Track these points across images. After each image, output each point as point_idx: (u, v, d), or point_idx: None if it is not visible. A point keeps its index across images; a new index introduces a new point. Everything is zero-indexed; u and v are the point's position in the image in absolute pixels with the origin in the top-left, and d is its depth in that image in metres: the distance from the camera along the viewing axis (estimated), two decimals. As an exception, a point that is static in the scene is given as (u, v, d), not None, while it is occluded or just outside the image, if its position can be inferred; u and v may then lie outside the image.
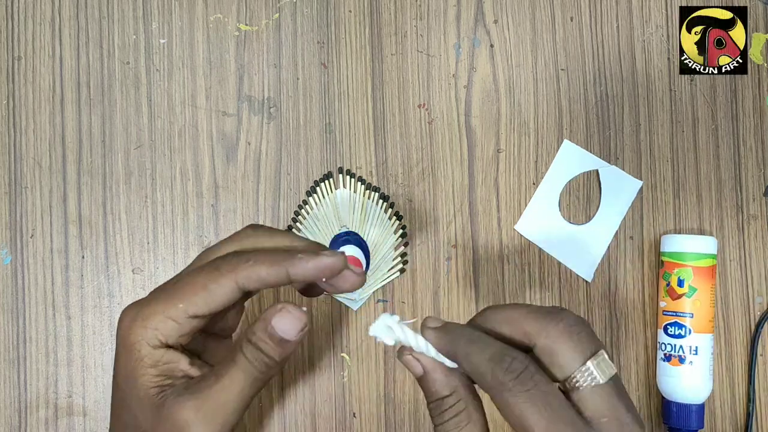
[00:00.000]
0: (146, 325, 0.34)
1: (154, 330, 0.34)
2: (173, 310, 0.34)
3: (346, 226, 0.54)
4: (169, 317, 0.34)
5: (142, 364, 0.34)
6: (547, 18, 0.56)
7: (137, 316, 0.35)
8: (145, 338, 0.34)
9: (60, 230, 0.54)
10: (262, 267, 0.35)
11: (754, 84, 0.56)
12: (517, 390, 0.31)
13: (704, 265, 0.52)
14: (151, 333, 0.34)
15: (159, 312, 0.34)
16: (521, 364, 0.32)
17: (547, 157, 0.56)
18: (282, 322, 0.34)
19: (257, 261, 0.35)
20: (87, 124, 0.54)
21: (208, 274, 0.35)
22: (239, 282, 0.34)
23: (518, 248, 0.55)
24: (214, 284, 0.34)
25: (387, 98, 0.55)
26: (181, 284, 0.35)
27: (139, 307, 0.35)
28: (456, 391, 0.34)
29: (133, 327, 0.35)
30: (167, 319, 0.34)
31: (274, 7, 0.56)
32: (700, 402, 0.51)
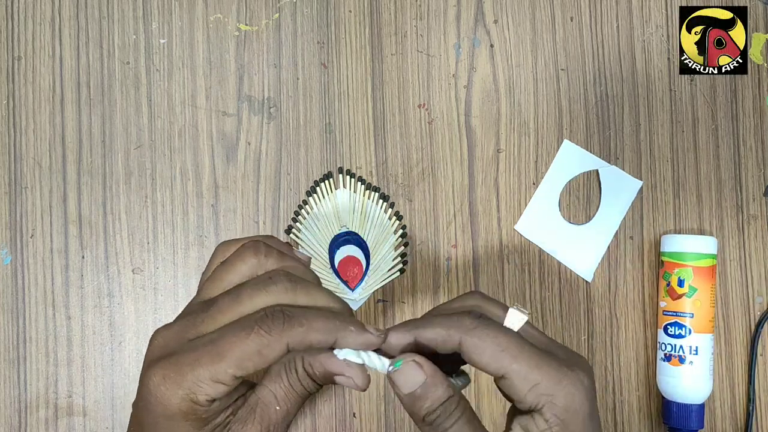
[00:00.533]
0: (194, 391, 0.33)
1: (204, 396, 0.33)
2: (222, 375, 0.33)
3: (346, 226, 0.54)
4: (218, 381, 0.33)
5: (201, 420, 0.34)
6: (547, 18, 0.56)
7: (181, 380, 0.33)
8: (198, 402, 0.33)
9: (60, 230, 0.54)
10: (315, 334, 0.34)
11: (754, 84, 0.56)
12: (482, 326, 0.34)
13: (704, 265, 0.52)
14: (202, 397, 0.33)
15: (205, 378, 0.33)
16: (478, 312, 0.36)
17: (547, 157, 0.56)
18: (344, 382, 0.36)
19: (311, 328, 0.34)
20: (87, 124, 0.54)
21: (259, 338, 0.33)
22: (290, 346, 0.34)
23: (518, 248, 0.55)
24: (267, 350, 0.34)
25: (387, 98, 0.55)
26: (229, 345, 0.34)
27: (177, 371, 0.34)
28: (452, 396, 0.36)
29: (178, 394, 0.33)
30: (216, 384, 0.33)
31: (274, 7, 0.56)
32: (700, 402, 0.51)
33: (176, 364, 0.34)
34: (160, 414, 0.34)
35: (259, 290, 0.36)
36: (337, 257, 0.54)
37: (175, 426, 0.34)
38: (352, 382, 0.36)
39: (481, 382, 0.54)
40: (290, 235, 0.54)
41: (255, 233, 0.54)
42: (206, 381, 0.33)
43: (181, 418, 0.34)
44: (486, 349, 0.34)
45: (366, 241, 0.54)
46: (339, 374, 0.36)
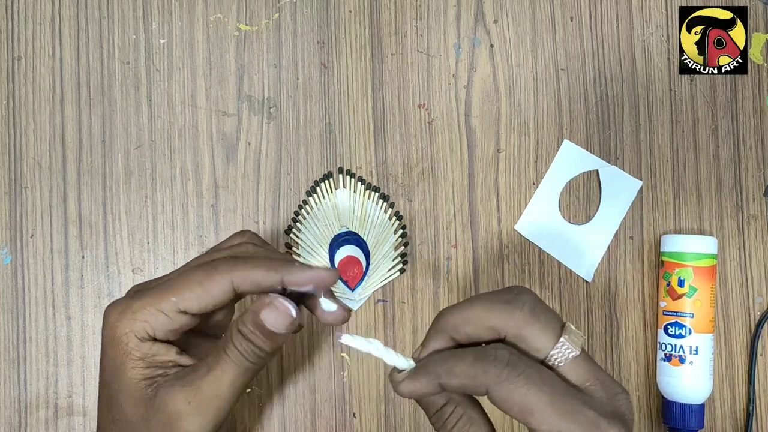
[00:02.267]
0: (135, 317, 0.34)
1: (143, 322, 0.34)
2: (165, 303, 0.34)
3: (346, 226, 0.54)
4: (160, 310, 0.34)
5: (130, 357, 0.34)
6: (547, 18, 0.56)
7: (126, 309, 0.35)
8: (134, 330, 0.34)
9: (60, 230, 0.54)
10: (259, 270, 0.35)
11: (754, 84, 0.56)
12: (512, 376, 0.31)
13: (704, 265, 0.52)
14: (140, 325, 0.34)
15: (149, 304, 0.34)
16: (506, 352, 0.32)
17: (547, 157, 0.56)
18: (270, 316, 0.34)
19: (255, 264, 0.35)
20: (87, 124, 0.54)
21: (205, 271, 0.35)
22: (234, 282, 0.35)
23: (518, 248, 0.55)
24: (210, 282, 0.34)
25: (387, 98, 0.55)
26: (175, 279, 0.35)
27: (128, 301, 0.35)
28: (451, 398, 0.34)
29: (121, 320, 0.34)
30: (158, 312, 0.34)
31: (274, 7, 0.56)
32: (700, 402, 0.51)
33: (128, 297, 0.35)
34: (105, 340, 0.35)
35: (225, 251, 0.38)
36: (337, 257, 0.54)
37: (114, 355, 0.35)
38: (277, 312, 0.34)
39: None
40: (290, 235, 0.54)
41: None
42: (149, 308, 0.34)
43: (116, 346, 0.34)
44: (513, 407, 0.31)
45: (366, 241, 0.54)
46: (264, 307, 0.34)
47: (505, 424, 0.53)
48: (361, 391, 0.54)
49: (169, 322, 0.34)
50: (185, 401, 0.34)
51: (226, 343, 0.35)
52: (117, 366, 0.35)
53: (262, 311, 0.34)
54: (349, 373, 0.54)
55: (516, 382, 0.31)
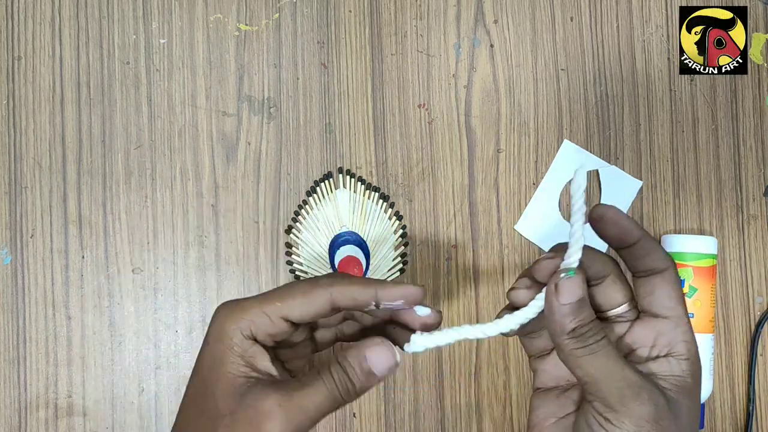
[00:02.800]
0: (243, 316, 0.37)
1: (249, 321, 0.37)
2: (270, 307, 0.37)
3: (346, 226, 0.54)
4: (265, 312, 0.37)
5: (232, 351, 0.36)
6: (547, 18, 0.56)
7: (235, 307, 0.37)
8: (240, 327, 0.36)
9: (60, 230, 0.54)
10: (356, 287, 0.37)
11: (754, 84, 0.56)
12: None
13: (704, 265, 0.52)
14: (246, 323, 0.37)
15: (256, 306, 0.37)
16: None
17: (547, 157, 0.56)
18: (376, 355, 0.37)
19: (352, 281, 0.38)
20: (87, 124, 0.54)
21: (307, 284, 0.38)
22: (333, 295, 0.37)
23: (518, 248, 0.55)
24: (312, 293, 0.37)
25: (387, 98, 0.55)
26: (281, 289, 0.38)
27: (238, 301, 0.38)
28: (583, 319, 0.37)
29: (231, 316, 0.37)
30: (263, 314, 0.37)
31: (274, 7, 0.56)
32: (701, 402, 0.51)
33: (236, 300, 0.38)
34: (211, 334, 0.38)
35: None
36: (337, 257, 0.54)
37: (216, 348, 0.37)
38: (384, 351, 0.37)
39: (482, 381, 0.54)
40: (290, 235, 0.54)
41: (255, 233, 0.54)
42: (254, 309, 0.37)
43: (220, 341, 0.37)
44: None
45: (366, 241, 0.54)
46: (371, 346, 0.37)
47: (505, 423, 0.53)
48: (361, 391, 0.54)
49: (270, 326, 0.37)
50: (276, 403, 0.35)
51: (323, 369, 0.37)
52: (218, 359, 0.37)
53: (368, 349, 0.37)
54: (349, 373, 0.54)
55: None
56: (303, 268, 0.54)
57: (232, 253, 0.54)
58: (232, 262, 0.54)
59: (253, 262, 0.54)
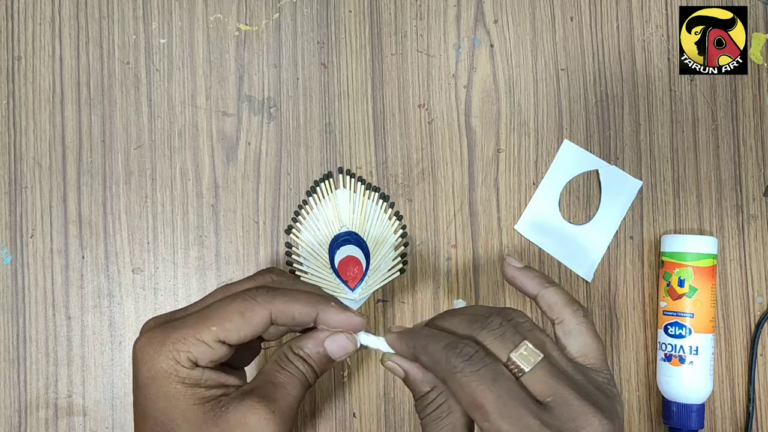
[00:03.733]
0: (177, 348, 0.34)
1: (186, 352, 0.34)
2: (205, 333, 0.35)
3: (346, 226, 0.54)
4: (201, 340, 0.35)
5: (184, 385, 0.34)
6: (547, 18, 0.56)
7: (164, 341, 0.35)
8: (179, 361, 0.34)
9: (60, 230, 0.54)
10: (297, 305, 0.36)
11: (754, 84, 0.56)
12: (468, 370, 0.33)
13: (705, 265, 0.52)
14: (183, 355, 0.34)
15: (189, 336, 0.35)
16: (472, 349, 0.34)
17: (547, 157, 0.56)
18: (335, 346, 0.37)
19: (293, 298, 0.36)
20: (87, 124, 0.54)
21: (244, 302, 0.35)
22: (273, 314, 0.36)
23: (518, 248, 0.55)
24: (250, 312, 0.35)
25: (387, 98, 0.55)
26: (214, 309, 0.35)
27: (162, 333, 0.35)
28: (436, 386, 0.37)
29: (161, 353, 0.34)
30: (199, 342, 0.34)
31: (274, 7, 0.56)
32: (701, 402, 0.51)
33: (162, 327, 0.35)
34: (145, 376, 0.35)
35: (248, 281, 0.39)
36: (337, 257, 0.54)
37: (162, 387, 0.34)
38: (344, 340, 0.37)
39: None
40: (290, 235, 0.54)
41: (255, 233, 0.54)
42: (190, 339, 0.34)
43: (164, 379, 0.34)
44: (463, 398, 0.34)
45: (366, 241, 0.54)
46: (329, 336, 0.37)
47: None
48: (361, 391, 0.54)
49: (210, 352, 0.35)
50: (269, 411, 0.35)
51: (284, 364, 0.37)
52: (169, 397, 0.34)
53: (327, 340, 0.37)
54: (349, 373, 0.54)
55: (469, 377, 0.33)
56: (303, 268, 0.54)
57: (232, 253, 0.54)
58: (232, 262, 0.54)
59: (253, 262, 0.54)
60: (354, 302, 0.54)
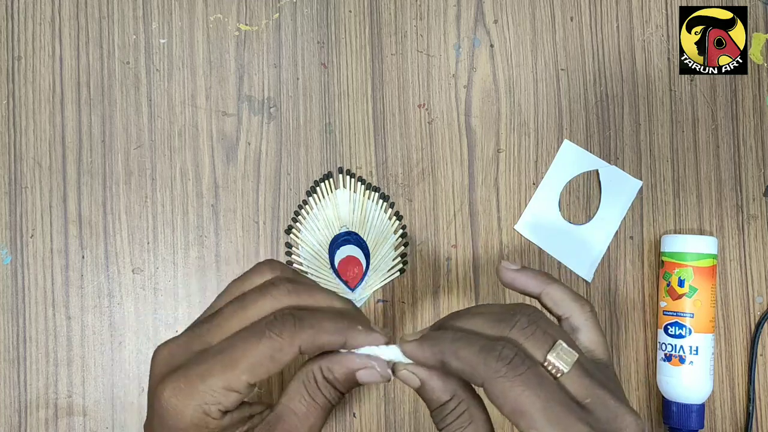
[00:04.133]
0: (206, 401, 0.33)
1: (217, 405, 0.33)
2: (236, 383, 0.33)
3: (346, 226, 0.54)
4: (231, 389, 0.33)
5: None
6: (547, 18, 0.56)
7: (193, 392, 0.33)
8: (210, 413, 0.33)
9: (60, 230, 0.54)
10: (325, 335, 0.34)
11: (754, 84, 0.56)
12: (510, 375, 0.31)
13: (705, 265, 0.52)
14: (214, 408, 0.33)
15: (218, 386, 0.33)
16: (512, 351, 0.32)
17: (547, 157, 0.56)
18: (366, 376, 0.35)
19: (321, 329, 0.34)
20: (87, 124, 0.54)
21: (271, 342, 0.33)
22: (302, 348, 0.34)
23: (518, 248, 0.55)
24: (279, 354, 0.33)
25: (387, 98, 0.55)
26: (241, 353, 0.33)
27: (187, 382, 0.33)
28: (456, 394, 0.35)
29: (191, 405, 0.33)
30: (229, 392, 0.33)
31: (274, 7, 0.56)
32: (701, 402, 0.51)
33: (186, 375, 0.33)
34: (172, 427, 0.33)
35: (264, 295, 0.36)
36: (337, 257, 0.54)
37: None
38: (376, 373, 0.35)
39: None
40: (290, 235, 0.54)
41: (255, 233, 0.54)
42: (219, 390, 0.33)
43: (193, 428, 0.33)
44: (506, 405, 0.31)
45: (366, 241, 0.54)
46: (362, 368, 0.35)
47: (505, 422, 0.53)
48: (361, 391, 0.54)
49: (240, 397, 0.34)
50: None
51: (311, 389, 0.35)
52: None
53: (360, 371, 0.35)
54: (349, 373, 0.54)
55: (513, 381, 0.31)
56: (303, 268, 0.54)
57: (232, 253, 0.54)
58: (232, 262, 0.54)
59: (252, 262, 0.54)
60: (354, 302, 0.54)
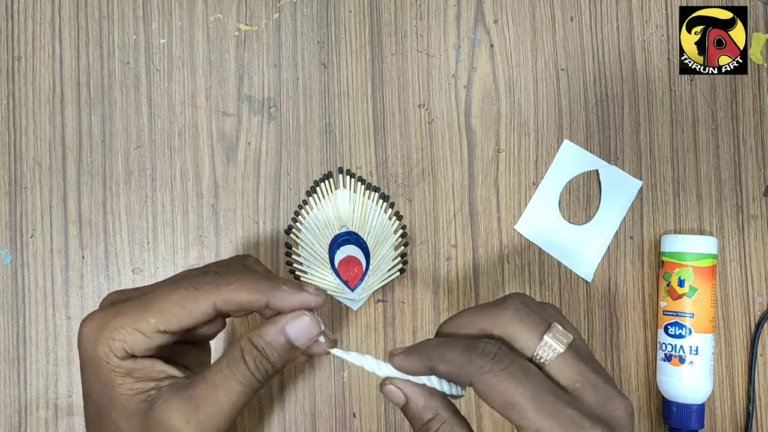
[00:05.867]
0: (113, 336, 0.34)
1: (120, 342, 0.33)
2: (143, 324, 0.34)
3: (346, 226, 0.54)
4: (138, 330, 0.34)
5: (115, 374, 0.34)
6: (547, 18, 0.56)
7: (103, 326, 0.34)
8: (113, 349, 0.33)
9: (60, 230, 0.54)
10: (244, 293, 0.34)
11: (754, 84, 0.56)
12: (496, 369, 0.32)
13: (705, 265, 0.52)
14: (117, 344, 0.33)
15: (126, 324, 0.34)
16: (494, 346, 0.33)
17: (547, 157, 0.56)
18: (296, 328, 0.34)
19: (239, 286, 0.34)
20: (87, 124, 0.54)
21: (185, 291, 0.34)
22: (217, 303, 0.34)
23: (518, 248, 0.55)
24: (191, 303, 0.34)
25: (387, 98, 0.55)
26: (154, 297, 0.34)
27: (104, 318, 0.34)
28: (438, 413, 0.35)
29: (99, 338, 0.34)
30: (136, 332, 0.34)
31: (274, 7, 0.56)
32: (701, 402, 0.51)
33: (105, 311, 0.34)
34: (83, 358, 0.34)
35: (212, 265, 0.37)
36: (337, 257, 0.54)
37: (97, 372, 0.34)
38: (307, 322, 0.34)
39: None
40: (290, 235, 0.54)
41: (255, 233, 0.54)
42: (126, 328, 0.33)
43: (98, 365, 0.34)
44: (495, 399, 0.32)
45: (366, 241, 0.54)
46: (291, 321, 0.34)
47: (505, 423, 0.53)
48: (361, 391, 0.54)
49: (147, 341, 0.34)
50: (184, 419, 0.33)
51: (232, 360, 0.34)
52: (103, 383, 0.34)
53: (288, 324, 0.34)
54: (349, 373, 0.54)
55: (499, 375, 0.32)
56: (303, 268, 0.54)
57: (232, 253, 0.54)
58: (232, 262, 0.54)
59: (253, 262, 0.54)
60: (354, 302, 0.54)
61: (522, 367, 0.32)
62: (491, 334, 0.34)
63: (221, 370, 0.34)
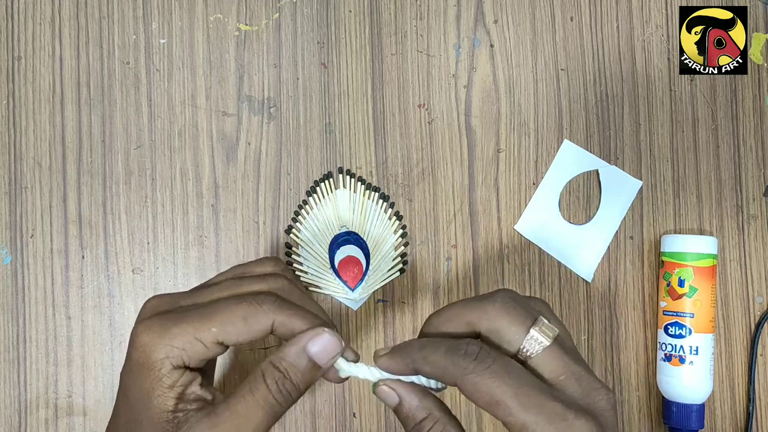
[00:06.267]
0: (173, 343, 0.34)
1: (181, 350, 0.34)
2: (204, 333, 0.34)
3: (346, 226, 0.54)
4: (199, 339, 0.34)
5: (161, 384, 0.34)
6: (547, 18, 0.56)
7: (164, 333, 0.34)
8: (170, 357, 0.34)
9: (60, 230, 0.54)
10: (299, 322, 0.35)
11: (754, 84, 0.56)
12: (479, 369, 0.32)
13: (705, 265, 0.52)
14: (177, 352, 0.34)
15: (188, 332, 0.34)
16: (476, 347, 0.33)
17: (547, 157, 0.56)
18: (317, 346, 0.35)
19: (297, 314, 0.35)
20: (87, 124, 0.54)
21: (249, 306, 0.35)
22: (275, 324, 0.35)
23: (518, 248, 0.55)
24: (254, 319, 0.34)
25: (387, 98, 0.55)
26: (219, 310, 0.35)
27: (163, 324, 0.34)
28: (431, 413, 0.36)
29: (159, 344, 0.34)
30: (196, 341, 0.34)
31: (274, 7, 0.56)
32: (701, 402, 0.51)
33: (163, 318, 0.34)
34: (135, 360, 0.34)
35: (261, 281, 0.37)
36: (337, 257, 0.54)
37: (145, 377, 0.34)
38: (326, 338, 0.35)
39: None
40: (290, 235, 0.54)
41: (255, 233, 0.54)
42: (187, 337, 0.33)
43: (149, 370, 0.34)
44: (480, 398, 0.33)
45: (366, 241, 0.54)
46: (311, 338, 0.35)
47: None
48: (361, 391, 0.54)
49: (205, 352, 0.34)
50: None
51: (254, 385, 0.34)
52: (146, 391, 0.34)
53: (310, 341, 0.35)
54: (349, 373, 0.54)
55: (482, 375, 0.32)
56: (303, 268, 0.54)
57: (232, 253, 0.54)
58: (232, 262, 0.54)
59: (253, 262, 0.54)
60: (354, 302, 0.54)
61: (504, 364, 0.33)
62: (478, 329, 0.35)
63: (244, 396, 0.34)
